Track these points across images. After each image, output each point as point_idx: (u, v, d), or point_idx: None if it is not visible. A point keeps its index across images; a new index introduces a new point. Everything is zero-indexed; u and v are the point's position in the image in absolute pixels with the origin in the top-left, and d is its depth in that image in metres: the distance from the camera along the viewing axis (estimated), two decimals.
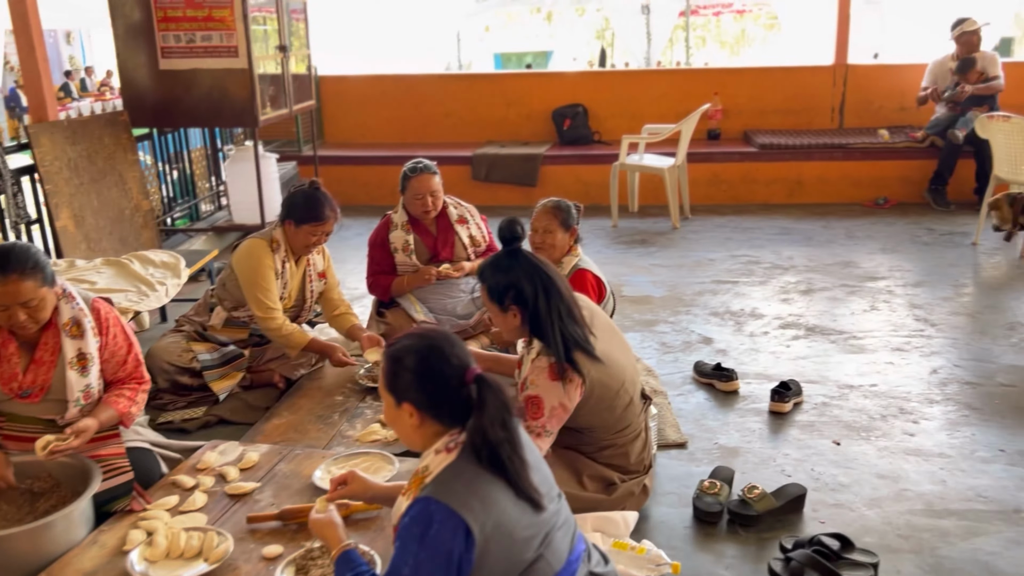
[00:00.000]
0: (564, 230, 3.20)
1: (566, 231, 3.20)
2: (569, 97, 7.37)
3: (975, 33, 6.40)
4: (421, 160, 3.96)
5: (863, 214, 6.45)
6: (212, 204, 6.48)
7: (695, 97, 7.23)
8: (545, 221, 3.22)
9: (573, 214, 3.22)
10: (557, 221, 3.19)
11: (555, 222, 3.20)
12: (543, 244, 3.25)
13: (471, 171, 6.89)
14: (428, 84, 7.48)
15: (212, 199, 6.49)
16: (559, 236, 3.20)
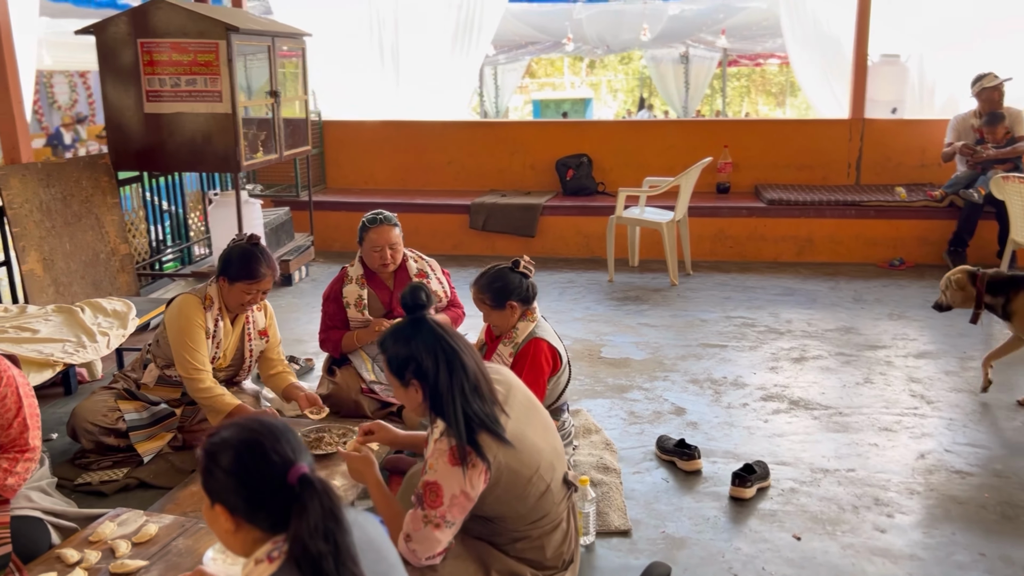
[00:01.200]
0: (496, 310, 2.95)
1: (499, 310, 2.95)
2: (574, 147, 7.20)
3: (996, 88, 6.10)
4: (381, 211, 3.80)
5: (876, 275, 6.12)
6: (206, 248, 6.41)
7: (705, 149, 7.01)
8: (477, 303, 3.01)
9: (509, 288, 2.94)
10: (486, 305, 2.97)
11: (484, 305, 2.98)
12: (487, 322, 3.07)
13: (469, 220, 6.73)
14: (431, 131, 7.38)
15: (206, 243, 6.41)
16: (494, 316, 2.97)
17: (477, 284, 2.98)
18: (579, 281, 6.05)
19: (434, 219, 6.81)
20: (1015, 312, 3.70)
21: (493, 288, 2.93)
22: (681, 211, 5.96)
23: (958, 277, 3.84)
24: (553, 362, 2.92)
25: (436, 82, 8.79)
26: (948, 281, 3.90)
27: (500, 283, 2.94)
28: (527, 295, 2.96)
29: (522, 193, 7.07)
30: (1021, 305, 3.67)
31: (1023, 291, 3.66)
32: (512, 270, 2.97)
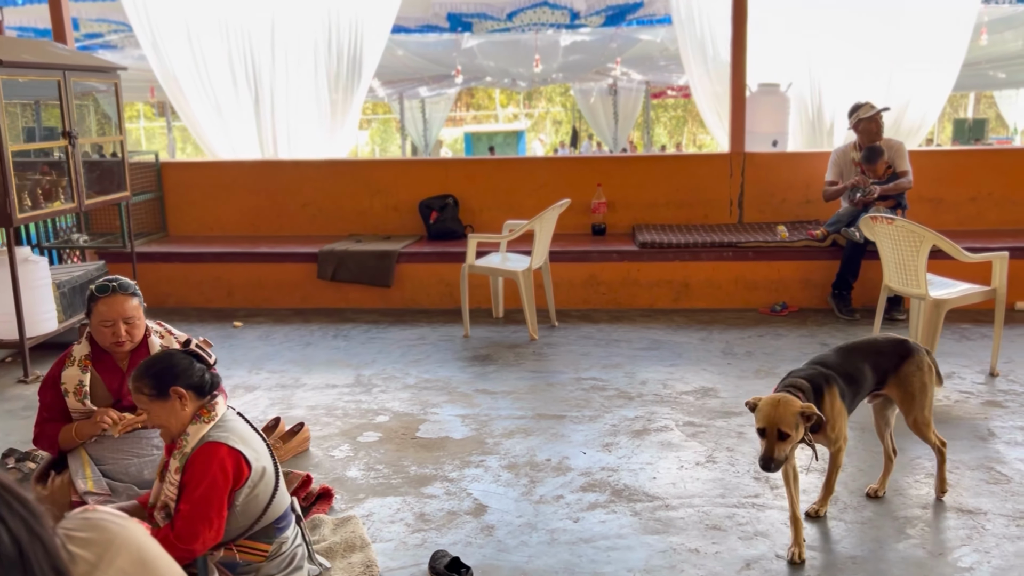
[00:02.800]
0: (158, 400, 2.32)
1: (162, 400, 2.32)
2: (439, 187, 6.64)
3: (873, 120, 5.71)
4: (116, 277, 3.13)
5: (755, 323, 5.63)
6: None
7: (580, 188, 6.51)
8: (135, 398, 2.38)
9: (174, 371, 2.32)
10: (144, 395, 2.33)
11: (142, 397, 2.34)
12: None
13: (317, 269, 6.08)
14: (284, 171, 6.75)
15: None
16: (156, 411, 2.34)
17: (133, 373, 2.36)
18: (431, 338, 5.44)
19: (280, 269, 6.15)
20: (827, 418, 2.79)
21: (152, 372, 2.31)
22: (539, 257, 5.40)
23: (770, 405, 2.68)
24: (237, 471, 2.28)
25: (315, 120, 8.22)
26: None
27: (161, 365, 2.32)
28: (200, 382, 2.33)
29: (381, 238, 6.46)
30: (829, 408, 2.81)
31: (826, 393, 2.80)
32: (183, 351, 2.35)
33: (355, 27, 8.65)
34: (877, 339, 3.06)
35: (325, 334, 5.55)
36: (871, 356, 2.95)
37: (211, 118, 8.62)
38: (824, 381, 2.79)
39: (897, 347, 2.99)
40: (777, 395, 2.68)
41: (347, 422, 4.02)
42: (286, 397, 4.38)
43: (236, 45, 8.58)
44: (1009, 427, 3.79)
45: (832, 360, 2.90)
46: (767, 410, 2.62)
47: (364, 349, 5.20)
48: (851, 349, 2.99)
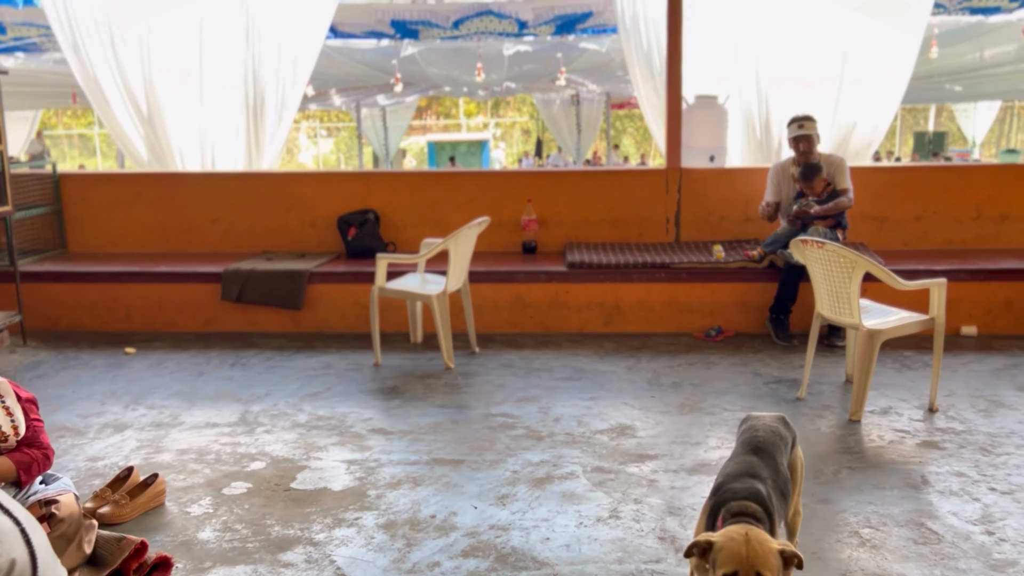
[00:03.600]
0: None
1: None
2: (359, 201, 6.23)
3: (804, 138, 5.40)
4: None
5: (688, 348, 5.29)
6: None
7: (509, 203, 6.15)
8: None
9: None
10: None
11: None
12: None
13: (221, 290, 5.64)
14: (193, 184, 6.30)
15: None
16: None
17: None
18: (338, 366, 5.02)
19: (182, 290, 5.70)
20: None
21: None
22: (456, 279, 5.01)
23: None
24: None
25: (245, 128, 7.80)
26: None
27: None
28: None
29: (295, 256, 6.03)
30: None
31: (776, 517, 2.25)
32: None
33: (287, 32, 8.25)
34: (775, 428, 2.52)
35: (223, 362, 5.11)
36: (780, 447, 2.48)
37: (134, 126, 8.16)
38: (771, 501, 2.20)
39: (788, 430, 2.58)
40: (740, 529, 2.00)
41: (216, 470, 3.59)
42: (157, 439, 3.93)
43: (158, 49, 8.14)
44: (944, 473, 3.46)
45: (762, 470, 2.30)
46: (737, 550, 1.94)
47: (260, 380, 4.77)
48: (767, 448, 2.41)
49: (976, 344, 5.32)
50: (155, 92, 7.89)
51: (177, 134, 8.19)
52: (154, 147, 8.54)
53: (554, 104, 24.92)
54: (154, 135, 8.36)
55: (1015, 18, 10.96)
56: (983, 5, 10.43)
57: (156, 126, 8.08)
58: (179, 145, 8.35)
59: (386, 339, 5.53)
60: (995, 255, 5.79)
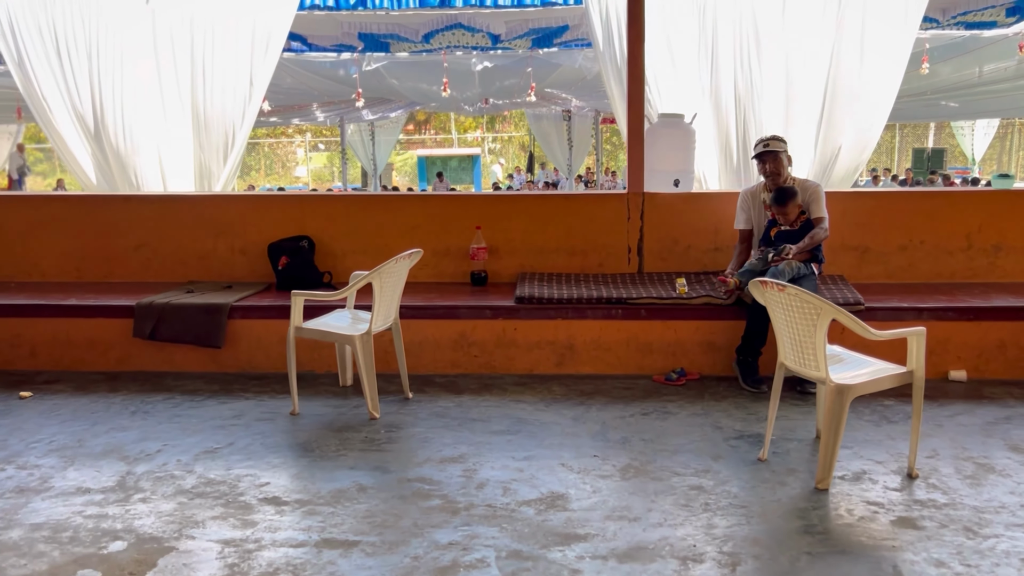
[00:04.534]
0: None
1: None
2: (294, 227, 5.72)
3: (771, 158, 4.90)
4: None
5: (645, 394, 4.76)
6: None
7: (459, 229, 5.65)
8: None
9: None
10: None
11: None
12: None
13: (133, 326, 5.12)
14: (113, 208, 5.80)
15: None
16: None
17: None
18: (250, 415, 4.49)
19: (93, 325, 5.18)
20: None
21: None
22: (382, 318, 4.49)
23: None
24: None
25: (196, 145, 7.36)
26: None
27: None
28: None
29: (221, 287, 5.51)
30: None
31: None
32: None
33: (242, 45, 7.81)
34: None
35: (124, 408, 4.58)
36: None
37: (81, 144, 7.71)
38: None
39: None
40: None
41: (67, 553, 3.05)
42: (12, 510, 3.40)
43: (107, 65, 7.72)
44: (921, 562, 2.93)
45: None
46: None
47: (158, 432, 4.24)
48: None
49: (965, 391, 4.79)
50: (103, 109, 7.47)
51: (128, 153, 7.75)
52: (102, 167, 8.08)
53: (544, 119, 24.52)
54: (101, 154, 7.90)
55: (1011, 32, 10.49)
56: (977, 20, 9.97)
57: (104, 145, 7.63)
58: (131, 164, 7.89)
59: (313, 381, 5.02)
60: (987, 290, 5.27)
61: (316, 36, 10.76)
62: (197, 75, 7.81)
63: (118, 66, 7.70)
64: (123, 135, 7.88)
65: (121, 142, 7.86)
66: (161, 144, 7.72)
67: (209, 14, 7.78)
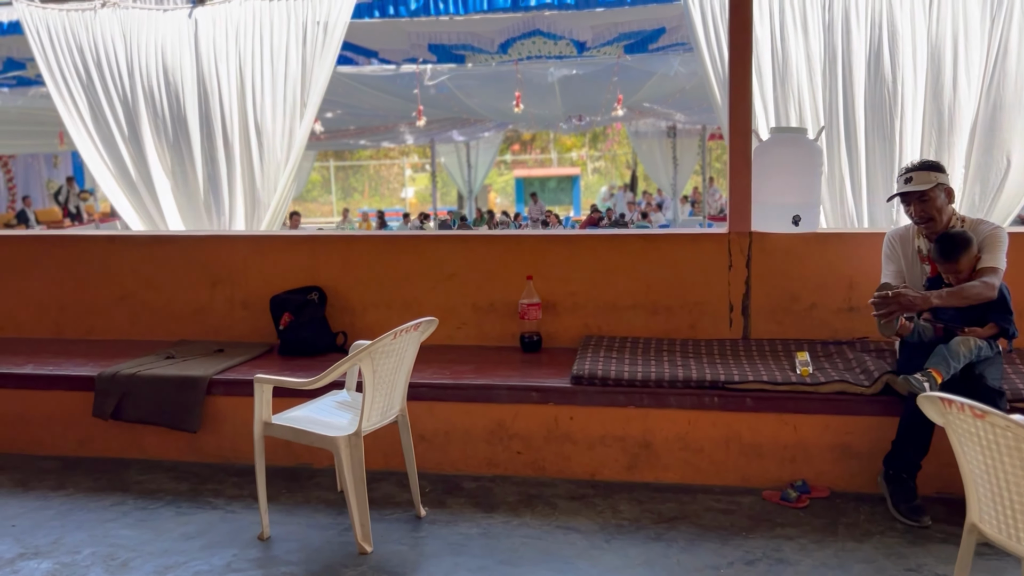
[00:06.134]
0: None
1: None
2: (304, 274, 4.60)
3: (921, 198, 3.43)
4: None
5: (750, 521, 3.36)
6: None
7: (506, 278, 4.41)
8: None
9: None
10: None
11: None
12: None
13: (94, 402, 4.09)
14: (95, 250, 4.83)
15: None
16: None
17: None
18: (212, 534, 3.36)
19: (53, 399, 4.18)
20: None
21: None
22: (379, 411, 3.27)
23: None
24: None
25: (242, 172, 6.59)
26: None
27: None
28: None
29: (210, 351, 4.43)
30: None
31: None
32: None
33: (292, 58, 6.94)
34: None
35: (62, 518, 3.53)
36: None
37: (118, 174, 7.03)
38: None
39: None
40: None
41: None
42: None
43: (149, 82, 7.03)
44: None
45: None
46: None
47: (81, 565, 3.15)
48: None
49: None
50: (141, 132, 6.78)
51: (162, 185, 7.00)
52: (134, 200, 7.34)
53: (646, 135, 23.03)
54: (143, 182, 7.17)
55: None
56: None
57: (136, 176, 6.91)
58: (163, 192, 7.13)
59: (307, 480, 3.86)
60: None
61: (387, 50, 9.81)
62: (246, 90, 7.00)
63: (158, 84, 6.97)
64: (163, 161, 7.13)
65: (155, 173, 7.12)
66: (203, 167, 6.94)
67: (256, 24, 6.94)
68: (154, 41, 7.14)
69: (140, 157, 7.06)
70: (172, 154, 7.07)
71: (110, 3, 7.27)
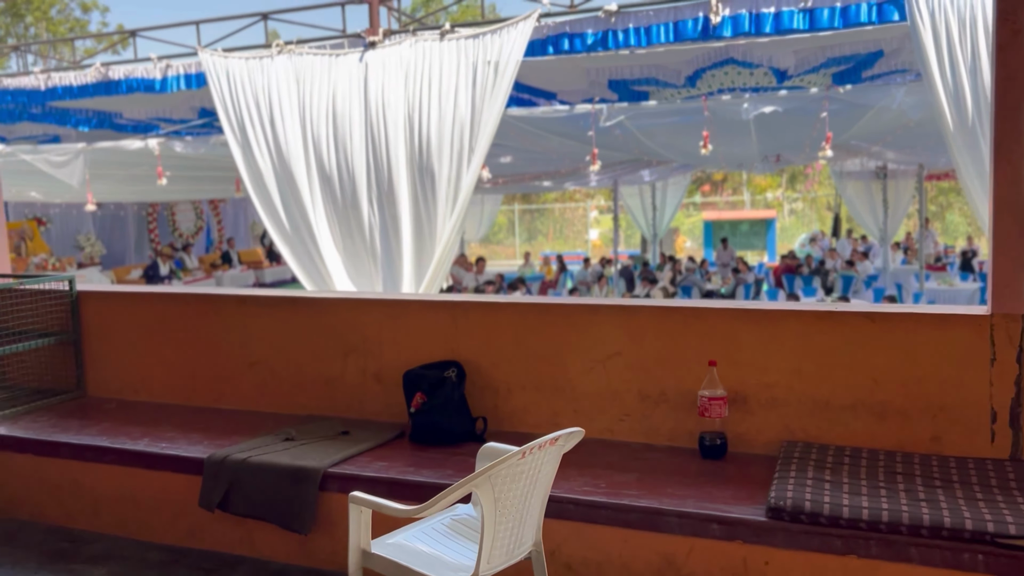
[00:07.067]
0: None
1: None
2: (443, 346, 3.93)
3: None
4: None
5: None
6: None
7: (686, 361, 3.53)
8: None
9: None
10: None
11: None
12: None
13: (200, 491, 3.60)
14: (224, 310, 4.41)
15: None
16: None
17: None
18: None
19: (160, 481, 3.75)
20: None
21: None
22: (505, 551, 2.48)
23: None
24: None
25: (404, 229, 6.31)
26: None
27: None
28: None
29: (332, 434, 3.84)
30: None
31: None
32: None
33: (463, 94, 6.57)
34: None
35: None
36: None
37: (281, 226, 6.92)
38: None
39: None
40: None
41: None
42: None
43: (320, 127, 6.91)
44: None
45: None
46: None
47: None
48: None
49: None
50: (305, 184, 6.64)
51: (324, 237, 6.81)
52: (299, 246, 7.19)
53: (851, 177, 21.10)
54: (296, 234, 7.02)
55: None
56: None
57: (300, 224, 6.75)
58: (325, 243, 6.92)
59: None
60: None
61: (566, 91, 9.21)
62: (414, 135, 6.65)
63: (327, 130, 6.78)
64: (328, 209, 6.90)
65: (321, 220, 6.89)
66: (368, 216, 6.65)
67: (425, 65, 6.59)
68: (326, 87, 6.96)
69: (302, 204, 6.87)
70: (338, 203, 6.83)
71: (286, 49, 7.18)
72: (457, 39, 6.63)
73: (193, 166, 9.91)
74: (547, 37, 7.12)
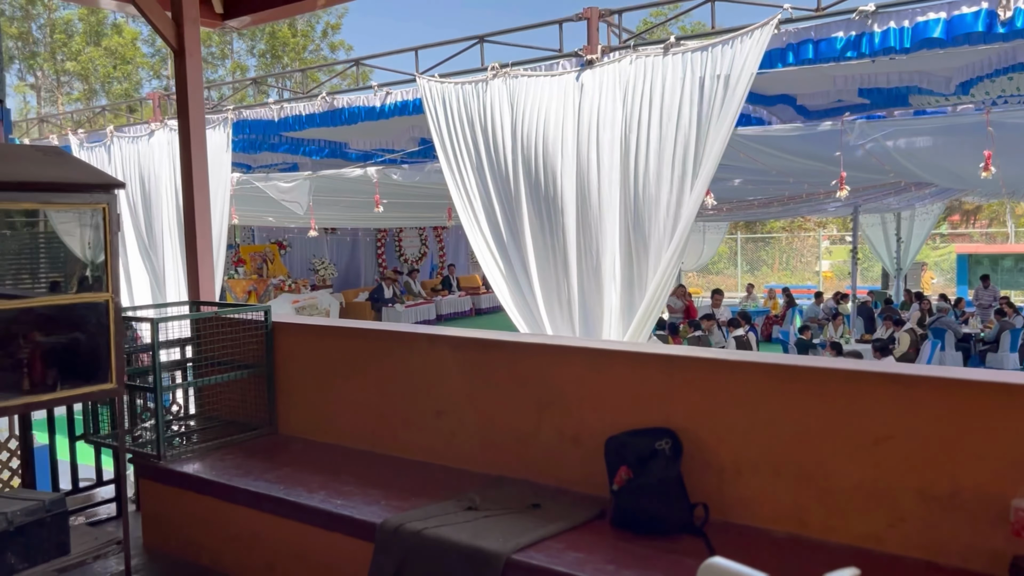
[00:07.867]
0: None
1: None
2: (656, 410, 3.23)
3: None
4: None
5: None
6: None
7: (990, 451, 2.61)
8: None
9: None
10: None
11: None
12: None
13: (371, 564, 3.14)
14: (417, 351, 3.97)
15: None
16: None
17: None
18: None
19: (333, 543, 3.36)
20: None
21: None
22: None
23: None
24: None
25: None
26: None
27: None
28: None
29: (521, 507, 3.26)
30: None
31: None
32: None
33: (687, 110, 5.93)
34: None
35: None
36: None
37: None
38: None
39: None
40: None
41: None
42: None
43: (533, 155, 6.55)
44: None
45: None
46: None
47: None
48: None
49: None
50: (514, 212, 6.31)
51: (532, 265, 6.41)
52: (508, 274, 6.82)
53: None
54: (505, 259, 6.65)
55: None
56: None
57: (510, 249, 6.38)
58: (533, 272, 6.51)
59: None
60: None
61: (806, 96, 8.19)
62: (629, 158, 6.06)
63: (535, 156, 6.36)
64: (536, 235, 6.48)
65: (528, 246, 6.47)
66: (576, 244, 6.14)
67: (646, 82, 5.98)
68: (538, 109, 6.54)
69: (515, 231, 6.48)
70: (545, 229, 6.37)
71: (500, 72, 6.86)
72: (683, 52, 5.93)
73: (407, 193, 9.96)
74: (787, 45, 6.23)
